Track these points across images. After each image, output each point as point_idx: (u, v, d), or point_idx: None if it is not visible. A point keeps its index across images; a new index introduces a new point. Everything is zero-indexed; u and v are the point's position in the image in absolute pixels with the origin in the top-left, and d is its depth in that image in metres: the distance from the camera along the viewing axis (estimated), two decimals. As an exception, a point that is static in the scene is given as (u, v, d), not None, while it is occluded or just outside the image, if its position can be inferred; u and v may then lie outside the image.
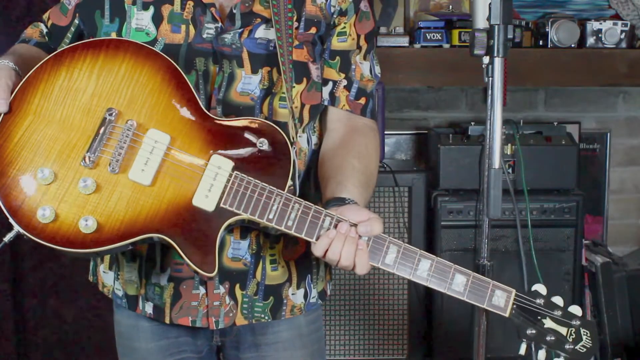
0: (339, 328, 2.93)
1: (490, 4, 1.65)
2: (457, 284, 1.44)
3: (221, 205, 1.42)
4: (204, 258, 1.42)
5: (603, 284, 3.01)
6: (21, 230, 1.39)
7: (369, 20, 1.68)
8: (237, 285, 1.64)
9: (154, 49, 1.49)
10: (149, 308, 1.66)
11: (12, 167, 1.41)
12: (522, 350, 1.47)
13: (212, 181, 1.42)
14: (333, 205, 1.47)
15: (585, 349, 1.45)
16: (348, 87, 1.66)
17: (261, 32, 1.58)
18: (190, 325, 1.64)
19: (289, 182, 1.46)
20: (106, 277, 1.71)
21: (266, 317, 1.67)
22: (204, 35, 1.57)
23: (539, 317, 1.45)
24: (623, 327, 3.03)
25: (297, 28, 1.59)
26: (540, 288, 1.47)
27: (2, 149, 1.42)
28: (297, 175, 1.51)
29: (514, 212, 2.77)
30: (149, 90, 1.46)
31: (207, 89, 1.57)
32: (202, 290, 1.63)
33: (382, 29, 3.15)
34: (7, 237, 1.41)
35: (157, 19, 1.58)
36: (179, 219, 1.42)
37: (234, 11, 1.57)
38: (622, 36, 3.07)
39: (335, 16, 1.62)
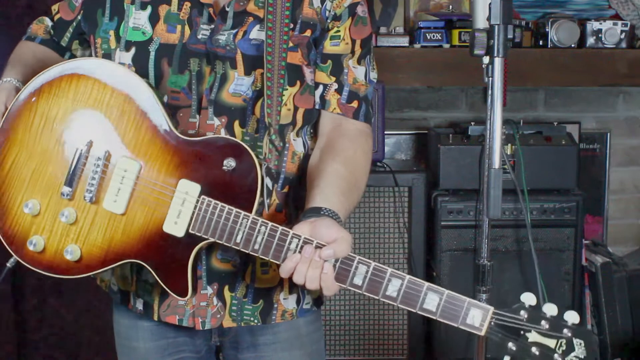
0: (339, 328, 2.93)
1: (490, 4, 1.65)
2: (430, 303, 1.40)
3: (190, 231, 1.45)
4: (178, 282, 1.47)
5: (603, 284, 3.01)
6: (17, 258, 1.52)
7: (366, 26, 1.67)
8: (226, 287, 1.64)
9: (125, 69, 1.51)
10: (139, 304, 1.67)
11: (3, 198, 1.52)
12: None
13: (181, 207, 1.45)
14: (308, 216, 1.46)
15: (578, 359, 1.40)
16: (339, 91, 1.64)
17: (255, 33, 1.58)
18: (177, 324, 1.64)
19: (257, 201, 1.45)
20: (104, 272, 1.72)
21: (255, 321, 1.66)
22: (199, 36, 1.57)
23: (521, 332, 1.39)
24: (623, 327, 3.03)
25: (292, 29, 1.59)
26: (528, 298, 1.41)
27: None
28: (265, 191, 1.49)
29: (514, 212, 2.77)
30: (119, 115, 1.49)
31: (200, 90, 1.57)
32: None
33: (382, 29, 3.15)
34: (9, 263, 1.52)
35: (153, 19, 1.59)
36: (152, 244, 1.47)
37: (227, 9, 1.57)
38: (622, 36, 3.07)
39: (329, 21, 1.62)
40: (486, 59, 1.69)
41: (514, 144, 2.84)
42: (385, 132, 3.02)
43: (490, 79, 1.69)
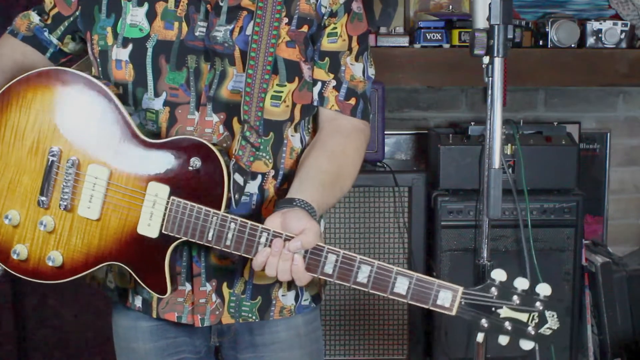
0: (339, 328, 2.93)
1: (490, 4, 1.65)
2: (400, 287, 1.44)
3: (163, 231, 1.49)
4: (156, 281, 1.52)
5: (603, 284, 3.01)
6: (3, 267, 1.58)
7: (362, 22, 1.68)
8: (225, 284, 1.64)
9: (88, 76, 1.53)
10: (138, 301, 1.67)
11: None
12: (480, 338, 1.47)
13: (152, 209, 1.49)
14: (281, 207, 1.49)
15: (551, 331, 1.43)
16: (337, 88, 1.65)
17: (251, 29, 1.58)
18: (176, 321, 1.65)
19: (225, 198, 1.48)
20: (99, 270, 1.72)
21: (254, 317, 1.67)
22: (196, 33, 1.58)
23: (492, 309, 1.43)
24: (623, 327, 3.03)
25: (287, 24, 1.59)
26: (499, 274, 1.43)
27: None
28: (234, 187, 1.51)
29: (514, 212, 2.77)
30: (85, 122, 1.53)
31: (198, 86, 1.58)
32: (187, 286, 1.63)
33: (382, 29, 3.15)
34: None
35: (151, 15, 1.59)
36: (129, 246, 1.52)
37: (221, 4, 1.58)
38: (622, 36, 3.07)
39: (325, 17, 1.63)
40: (486, 59, 1.69)
41: (514, 144, 2.84)
42: (385, 132, 3.02)
43: (490, 79, 1.69)
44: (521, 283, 1.43)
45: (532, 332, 1.43)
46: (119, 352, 1.77)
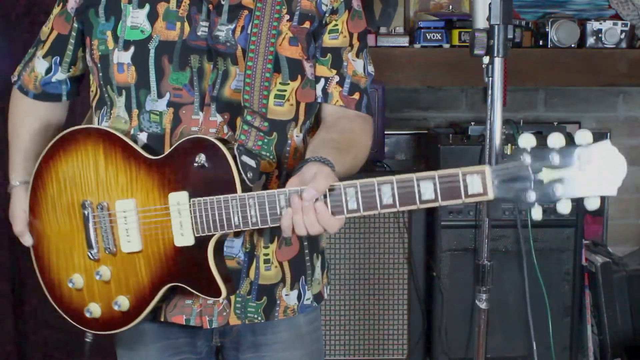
0: (339, 328, 2.93)
1: (490, 4, 1.65)
2: (427, 192, 1.33)
3: (197, 235, 1.49)
4: (210, 286, 1.51)
5: (603, 284, 3.01)
6: (92, 333, 1.66)
7: (362, 20, 1.68)
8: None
9: (87, 126, 1.61)
10: None
11: (55, 282, 1.65)
12: (537, 213, 1.26)
13: (180, 219, 1.50)
14: (297, 169, 1.46)
15: (607, 179, 1.22)
16: (340, 83, 1.66)
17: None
18: (184, 323, 1.64)
19: (237, 180, 1.47)
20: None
21: (259, 318, 1.66)
22: (199, 33, 1.57)
23: (532, 178, 1.23)
24: (623, 327, 3.03)
25: (289, 20, 1.60)
26: (527, 140, 1.25)
27: (44, 271, 1.66)
28: (246, 168, 1.49)
29: (514, 212, 2.77)
30: (103, 168, 1.57)
31: (202, 86, 1.58)
32: None
33: (382, 29, 3.15)
34: (87, 338, 1.69)
35: (152, 17, 1.59)
36: (176, 263, 1.53)
37: (222, 2, 1.58)
38: (622, 36, 3.07)
39: (327, 15, 1.63)
40: (486, 59, 1.69)
41: (514, 144, 2.84)
42: (385, 132, 3.02)
43: (490, 79, 1.69)
44: (556, 140, 1.23)
45: (584, 182, 1.22)
46: (120, 353, 1.77)
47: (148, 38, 1.58)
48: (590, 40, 3.07)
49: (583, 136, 1.24)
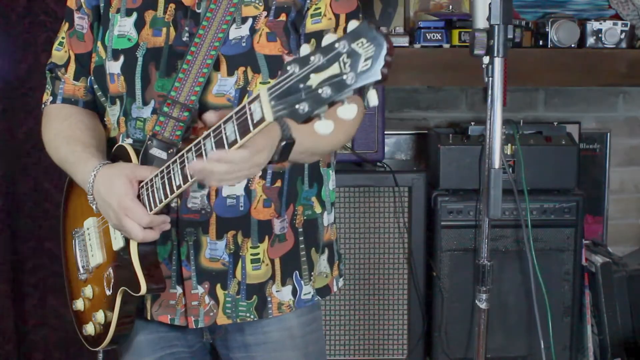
0: (338, 328, 2.93)
1: (490, 4, 1.65)
2: (231, 135, 1.27)
3: (123, 235, 1.56)
4: (134, 279, 1.55)
5: (603, 284, 3.00)
6: (102, 349, 1.72)
7: (350, 0, 1.64)
8: (218, 285, 1.64)
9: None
10: None
11: (70, 308, 1.76)
12: (323, 127, 1.14)
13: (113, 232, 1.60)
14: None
15: (369, 61, 1.07)
16: None
17: (234, 33, 1.57)
18: (169, 323, 1.65)
19: (136, 161, 1.53)
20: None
21: (252, 316, 1.66)
22: (184, 38, 1.57)
23: (301, 85, 1.13)
24: (623, 327, 3.03)
25: (267, 16, 1.58)
26: (301, 50, 1.15)
27: (69, 298, 1.77)
28: (145, 158, 1.54)
29: (514, 212, 2.77)
30: (83, 193, 1.62)
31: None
32: (179, 289, 1.64)
33: (382, 29, 3.15)
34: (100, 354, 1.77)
35: (139, 25, 1.59)
36: (118, 267, 1.59)
37: (198, 11, 1.57)
38: (622, 36, 3.06)
39: (308, 1, 1.60)
40: (486, 59, 1.69)
41: (514, 144, 2.84)
42: (385, 132, 3.02)
43: (490, 79, 1.69)
44: (325, 41, 1.11)
45: (352, 77, 1.09)
46: (118, 348, 1.79)
47: (135, 46, 1.58)
48: (590, 41, 3.07)
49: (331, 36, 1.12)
